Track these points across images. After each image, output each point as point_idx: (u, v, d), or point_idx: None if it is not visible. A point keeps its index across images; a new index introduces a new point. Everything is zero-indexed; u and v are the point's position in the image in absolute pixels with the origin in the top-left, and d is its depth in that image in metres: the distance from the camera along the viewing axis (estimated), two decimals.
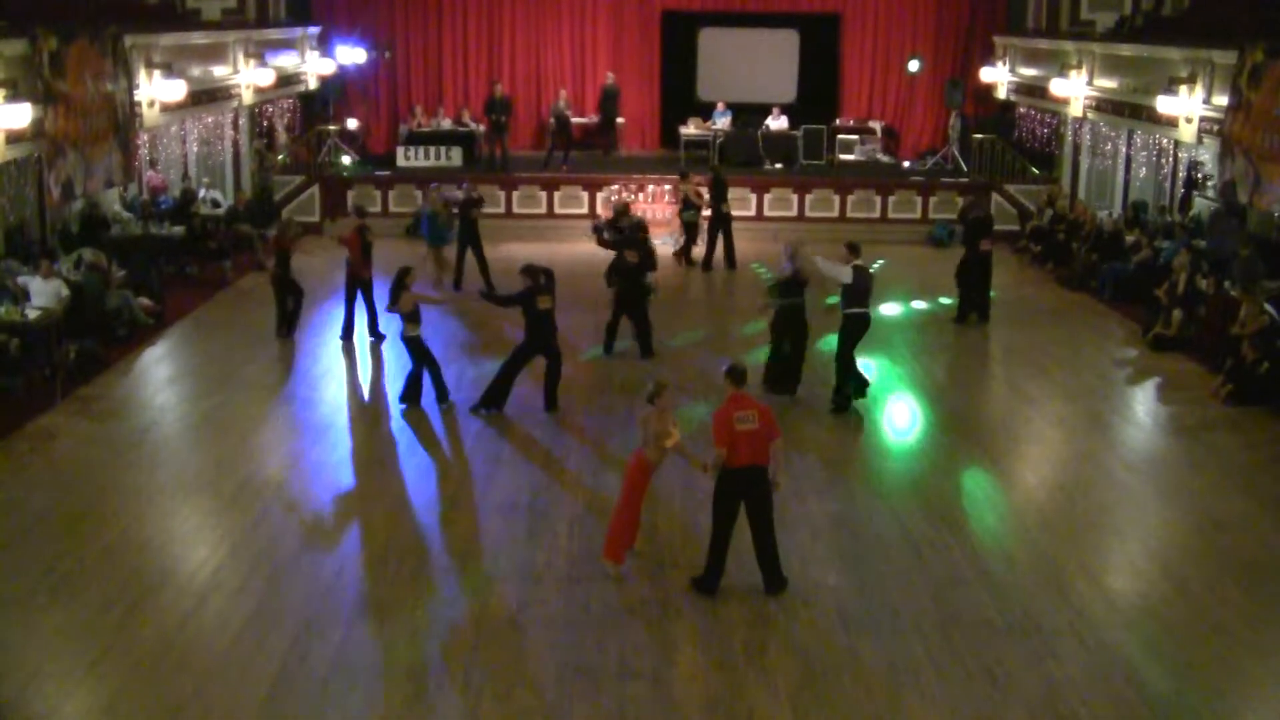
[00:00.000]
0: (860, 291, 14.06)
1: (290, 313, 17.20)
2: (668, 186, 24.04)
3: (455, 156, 25.96)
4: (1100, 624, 9.38)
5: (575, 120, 27.47)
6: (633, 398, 14.31)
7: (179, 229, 20.55)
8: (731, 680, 8.55)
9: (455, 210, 19.86)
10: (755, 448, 9.45)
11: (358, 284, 16.84)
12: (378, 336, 16.96)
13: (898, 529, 11.10)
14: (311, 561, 10.25)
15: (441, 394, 14.18)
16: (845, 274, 13.99)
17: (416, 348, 14.04)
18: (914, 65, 27.73)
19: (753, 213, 24.69)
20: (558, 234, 23.83)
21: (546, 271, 13.99)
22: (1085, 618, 9.47)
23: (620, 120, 28.30)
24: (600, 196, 24.36)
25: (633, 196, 23.96)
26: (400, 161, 25.98)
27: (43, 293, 15.49)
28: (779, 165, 26.54)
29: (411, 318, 13.92)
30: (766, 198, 24.98)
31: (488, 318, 17.49)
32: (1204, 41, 18.77)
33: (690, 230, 21.94)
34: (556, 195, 24.93)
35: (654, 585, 9.89)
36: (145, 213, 20.68)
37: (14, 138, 14.67)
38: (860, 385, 14.46)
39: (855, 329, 14.24)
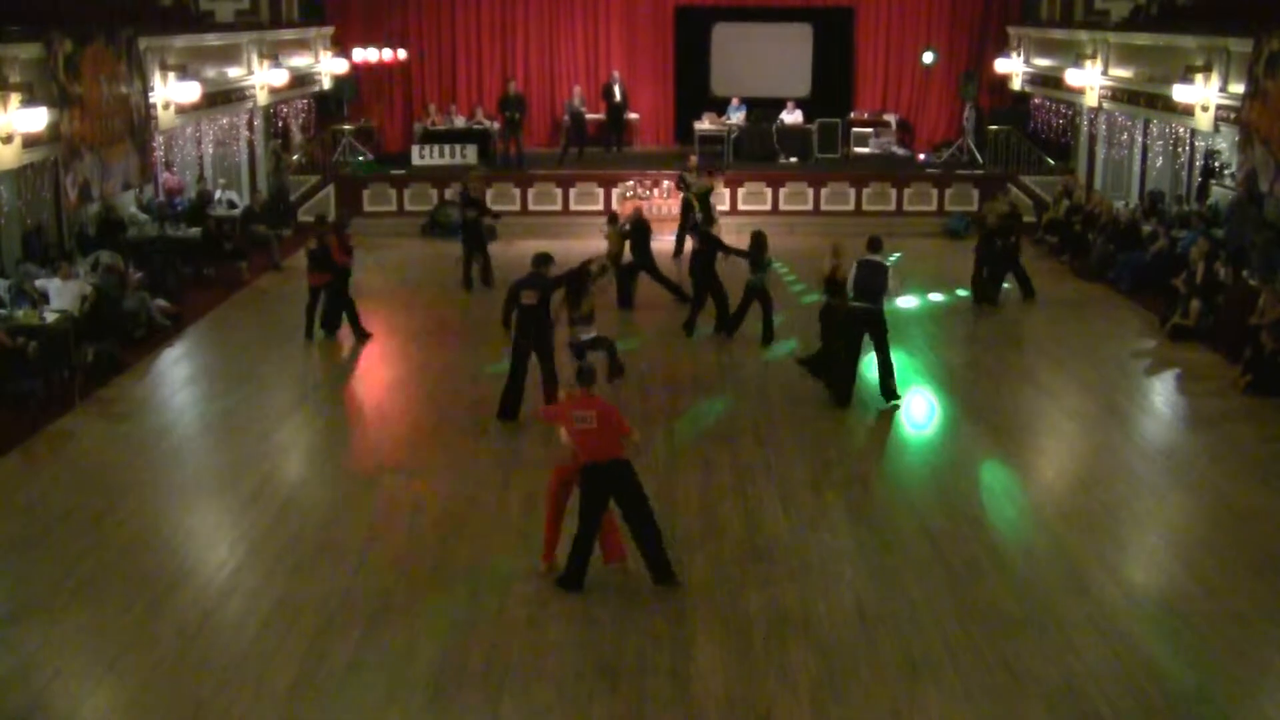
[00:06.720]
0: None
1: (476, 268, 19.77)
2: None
3: (470, 154, 25.95)
4: (1119, 616, 9.34)
5: (590, 117, 27.48)
6: (639, 398, 14.31)
7: (195, 230, 20.63)
8: (750, 675, 8.54)
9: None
10: (594, 446, 9.46)
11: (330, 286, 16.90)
12: (331, 333, 17.05)
13: (915, 522, 11.07)
14: (330, 560, 10.27)
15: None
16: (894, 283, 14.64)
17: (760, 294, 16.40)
18: (928, 57, 27.68)
19: (768, 207, 24.67)
20: (573, 230, 23.78)
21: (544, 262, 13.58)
22: (1104, 610, 9.43)
23: (635, 115, 28.35)
24: (615, 193, 24.36)
25: (648, 192, 23.96)
26: (415, 160, 25.99)
27: (62, 295, 15.58)
28: (794, 159, 26.50)
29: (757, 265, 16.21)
30: (782, 192, 24.93)
31: None
32: (1219, 29, 18.67)
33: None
34: (572, 192, 24.94)
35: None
36: (161, 214, 20.76)
37: (30, 141, 14.75)
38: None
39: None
